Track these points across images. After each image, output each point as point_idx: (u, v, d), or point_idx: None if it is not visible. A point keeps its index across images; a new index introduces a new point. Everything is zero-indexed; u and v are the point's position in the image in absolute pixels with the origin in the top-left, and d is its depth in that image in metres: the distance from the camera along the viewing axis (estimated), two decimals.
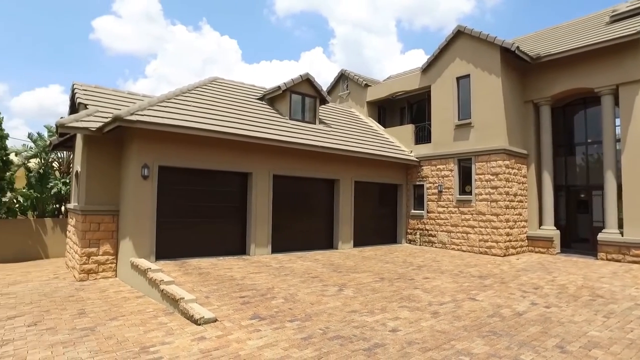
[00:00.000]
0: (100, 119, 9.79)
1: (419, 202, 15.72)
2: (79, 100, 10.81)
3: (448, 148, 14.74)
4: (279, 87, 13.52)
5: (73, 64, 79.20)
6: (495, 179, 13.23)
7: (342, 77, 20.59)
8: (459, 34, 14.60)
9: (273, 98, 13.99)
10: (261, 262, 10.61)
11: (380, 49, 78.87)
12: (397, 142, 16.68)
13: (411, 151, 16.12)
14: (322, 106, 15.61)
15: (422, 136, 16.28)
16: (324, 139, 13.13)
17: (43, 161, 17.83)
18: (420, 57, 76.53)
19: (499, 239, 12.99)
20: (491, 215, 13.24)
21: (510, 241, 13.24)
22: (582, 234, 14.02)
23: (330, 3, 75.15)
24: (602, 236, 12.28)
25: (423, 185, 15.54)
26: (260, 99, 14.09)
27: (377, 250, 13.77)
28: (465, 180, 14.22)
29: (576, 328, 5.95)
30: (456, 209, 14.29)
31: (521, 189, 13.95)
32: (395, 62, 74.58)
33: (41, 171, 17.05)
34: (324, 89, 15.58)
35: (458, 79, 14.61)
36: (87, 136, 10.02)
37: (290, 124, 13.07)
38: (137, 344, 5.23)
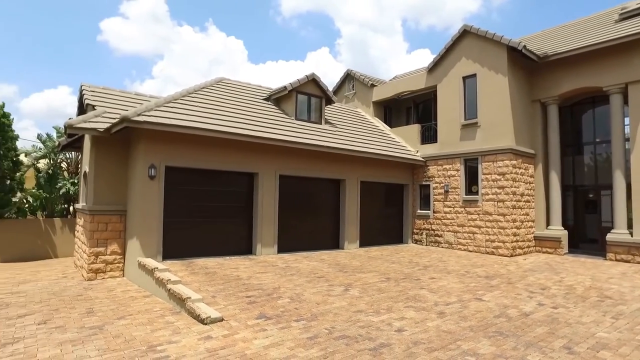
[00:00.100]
0: (108, 119, 9.89)
1: (425, 202, 15.68)
2: (87, 102, 10.92)
3: (454, 148, 14.68)
4: (284, 87, 13.56)
5: (81, 65, 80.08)
6: (502, 179, 13.15)
7: (348, 77, 20.59)
8: (465, 33, 14.54)
9: (279, 98, 14.03)
10: (267, 262, 10.64)
11: (386, 49, 78.80)
12: (403, 142, 16.64)
13: (417, 151, 16.08)
14: (328, 106, 15.62)
15: (428, 136, 16.23)
16: (330, 139, 13.14)
17: (52, 162, 18.01)
18: (426, 57, 76.37)
19: (506, 239, 12.91)
20: (498, 215, 13.16)
21: (517, 241, 13.15)
22: (591, 234, 13.89)
23: (337, 3, 75.23)
24: (611, 236, 12.16)
25: (429, 185, 15.49)
26: (266, 99, 14.14)
27: (383, 251, 13.75)
28: (472, 180, 14.16)
29: (584, 329, 5.90)
30: (462, 209, 14.23)
31: (528, 189, 13.86)
32: (401, 61, 74.48)
33: (50, 172, 17.23)
34: (330, 89, 15.61)
35: (464, 78, 14.55)
36: (95, 137, 10.13)
37: (296, 124, 13.10)
38: (144, 343, 5.28)
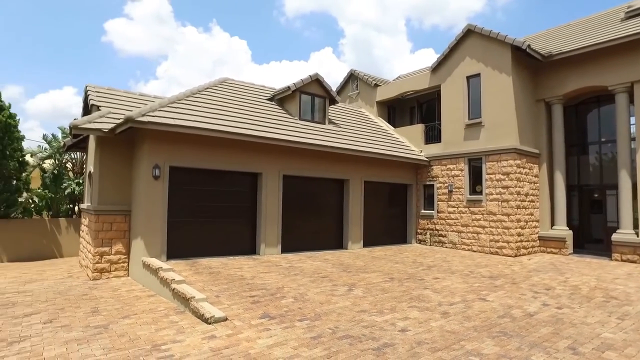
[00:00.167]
0: (113, 120, 9.94)
1: (429, 202, 15.65)
2: (91, 102, 10.99)
3: (458, 148, 14.64)
4: (288, 87, 13.58)
5: (86, 66, 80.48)
6: (506, 179, 13.10)
7: (352, 77, 20.57)
8: (469, 32, 14.49)
9: (283, 98, 14.05)
10: (271, 261, 10.66)
11: (390, 49, 78.62)
12: (407, 141, 16.62)
13: (421, 151, 16.05)
14: (332, 106, 15.62)
15: (432, 136, 16.21)
16: (334, 139, 13.14)
17: (57, 162, 18.14)
18: (430, 57, 76.21)
19: (510, 239, 12.86)
20: (502, 215, 13.11)
21: (521, 241, 13.09)
22: (596, 235, 13.80)
23: (340, 3, 75.17)
24: (616, 236, 12.08)
25: (433, 185, 15.46)
26: (270, 99, 14.16)
27: (387, 251, 13.73)
28: (476, 180, 14.11)
29: (589, 329, 5.87)
30: (466, 208, 14.19)
31: (533, 189, 13.79)
32: (405, 61, 74.28)
33: (55, 172, 17.33)
34: (334, 89, 15.59)
35: (468, 78, 14.51)
36: (99, 137, 10.18)
37: (300, 124, 13.11)
38: (148, 342, 5.31)
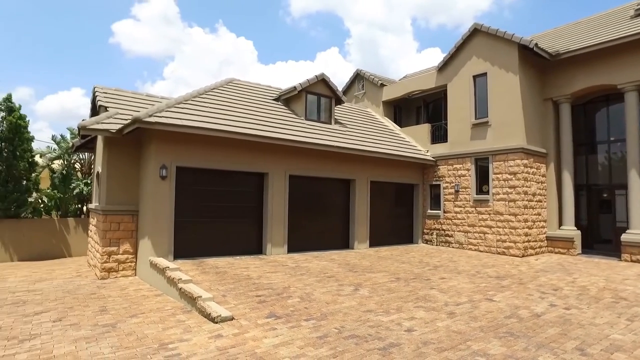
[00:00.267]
0: (120, 120, 10.03)
1: (436, 201, 15.60)
2: (99, 103, 11.10)
3: (465, 147, 14.57)
4: (294, 87, 13.60)
5: (93, 67, 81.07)
6: (513, 179, 13.01)
7: (358, 77, 20.55)
8: (475, 31, 14.42)
9: (289, 98, 14.08)
10: (277, 261, 10.69)
11: (396, 48, 78.38)
12: (413, 141, 16.57)
13: (427, 151, 15.99)
14: (338, 106, 15.62)
15: (439, 135, 16.14)
16: (340, 139, 13.15)
17: (66, 162, 18.33)
18: (436, 56, 75.92)
19: (517, 239, 12.78)
20: (509, 215, 13.03)
21: (528, 241, 13.00)
22: (605, 235, 13.66)
23: (346, 3, 75.09)
24: (626, 237, 11.95)
25: (440, 185, 15.40)
26: (276, 99, 14.20)
27: (393, 250, 13.71)
28: (483, 179, 14.03)
29: (597, 330, 5.82)
30: (473, 208, 14.12)
31: (540, 189, 13.69)
32: (411, 61, 74.01)
33: (64, 172, 17.50)
34: (340, 89, 15.60)
35: (475, 77, 14.43)
36: (107, 138, 10.28)
37: (306, 124, 13.13)
38: (156, 341, 5.36)
